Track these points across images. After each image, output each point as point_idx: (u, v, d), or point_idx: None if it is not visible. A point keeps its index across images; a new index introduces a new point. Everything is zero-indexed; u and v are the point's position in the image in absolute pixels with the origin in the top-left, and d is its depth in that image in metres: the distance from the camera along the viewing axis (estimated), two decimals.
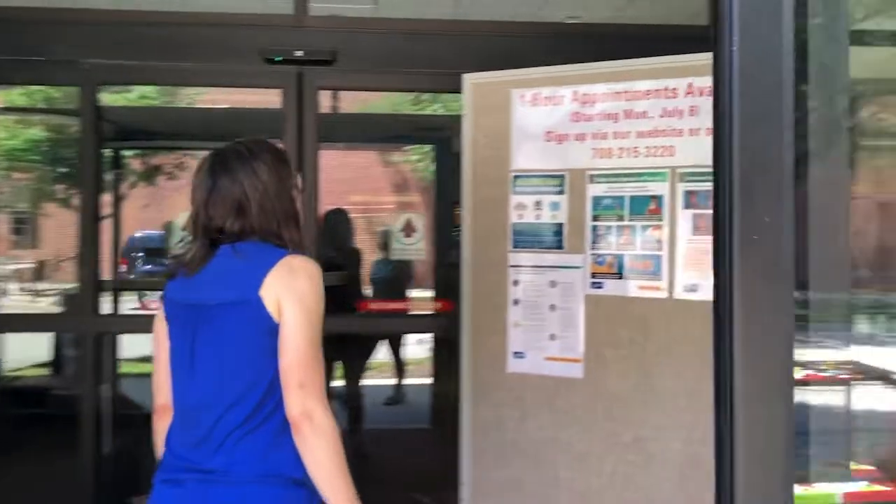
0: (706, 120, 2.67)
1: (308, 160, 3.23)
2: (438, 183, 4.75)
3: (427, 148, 11.00)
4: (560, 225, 2.88)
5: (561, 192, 2.88)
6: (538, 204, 2.91)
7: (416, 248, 3.67)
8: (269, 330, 1.57)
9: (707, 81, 2.59)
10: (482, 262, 2.98)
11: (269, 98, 3.59)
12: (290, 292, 1.57)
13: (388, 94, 10.09)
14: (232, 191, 1.63)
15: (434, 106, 10.60)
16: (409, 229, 3.60)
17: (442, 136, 4.15)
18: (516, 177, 2.95)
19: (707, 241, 2.63)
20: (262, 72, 3.28)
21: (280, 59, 3.26)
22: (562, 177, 2.88)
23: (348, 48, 3.30)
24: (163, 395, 1.69)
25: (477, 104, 3.01)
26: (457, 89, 3.02)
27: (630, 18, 3.45)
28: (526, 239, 2.93)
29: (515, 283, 2.94)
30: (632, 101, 2.79)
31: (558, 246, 2.88)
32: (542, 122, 2.92)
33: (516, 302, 2.94)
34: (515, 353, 2.93)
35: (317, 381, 1.55)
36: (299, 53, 3.29)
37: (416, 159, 14.03)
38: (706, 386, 2.64)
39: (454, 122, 3.11)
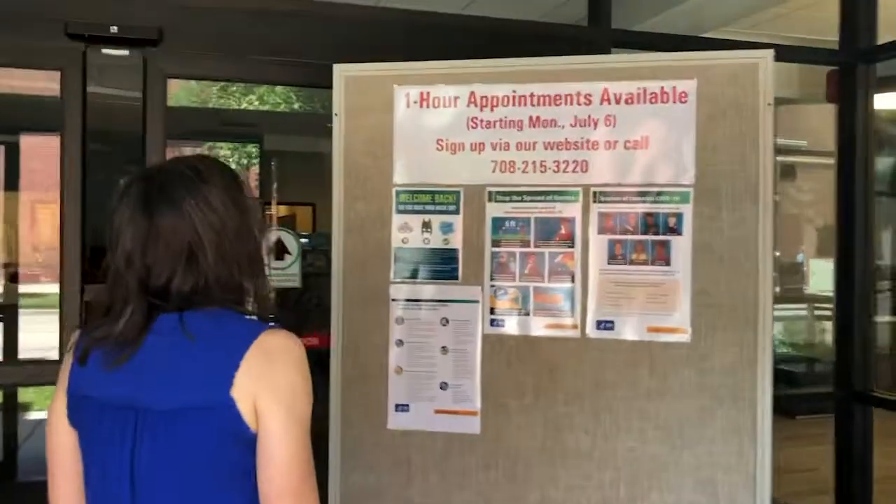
0: (625, 131, 2.32)
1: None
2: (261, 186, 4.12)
3: (250, 147, 10.21)
4: (453, 251, 2.41)
5: (455, 212, 2.41)
6: (427, 225, 2.42)
7: (290, 273, 3.05)
8: (245, 442, 1.16)
9: (626, 87, 2.24)
10: (357, 294, 2.43)
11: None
12: (271, 391, 1.16)
13: (187, 84, 9.15)
14: (179, 231, 1.19)
15: (250, 97, 9.78)
16: (280, 251, 2.98)
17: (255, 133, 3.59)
18: (400, 192, 2.44)
19: (625, 271, 2.27)
20: (36, 49, 2.52)
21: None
22: (456, 193, 2.41)
23: (184, 28, 2.63)
24: None
25: (351, 102, 2.47)
26: (327, 83, 2.47)
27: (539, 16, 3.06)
28: (411, 267, 2.42)
29: (399, 320, 2.42)
30: (539, 107, 2.38)
31: (451, 276, 2.41)
32: (433, 127, 2.43)
33: (399, 343, 2.42)
34: (398, 405, 2.42)
35: (309, 490, 1.16)
36: (114, 29, 2.58)
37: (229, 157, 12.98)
38: (622, 440, 2.28)
39: (267, 118, 2.52)
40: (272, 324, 1.23)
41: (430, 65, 2.43)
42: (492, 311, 2.39)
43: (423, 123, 2.44)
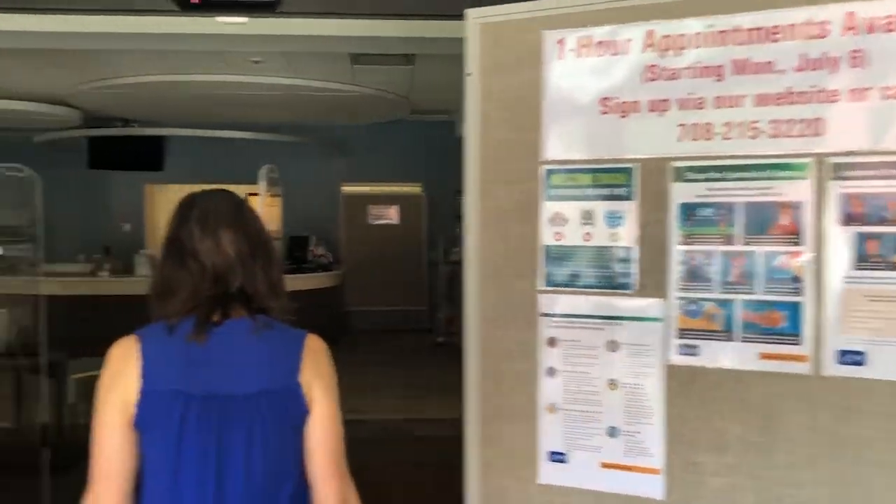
0: (882, 73, 1.56)
1: None
2: None
3: None
4: (625, 250, 1.77)
5: (627, 197, 1.77)
6: (588, 215, 1.80)
7: None
8: (303, 419, 1.43)
9: (884, 8, 1.48)
10: (496, 307, 1.87)
11: None
12: (321, 381, 1.45)
13: None
14: (240, 247, 1.44)
15: None
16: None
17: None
18: (552, 172, 1.84)
19: (883, 279, 1.52)
20: None
21: None
22: (628, 171, 1.77)
23: None
24: None
25: (488, 58, 1.90)
26: (456, 35, 1.92)
27: None
28: (567, 272, 1.82)
29: (551, 342, 1.83)
30: (747, 46, 1.67)
31: (622, 285, 1.78)
32: (595, 84, 1.80)
33: (552, 372, 1.83)
34: (552, 453, 1.83)
35: (347, 469, 1.46)
36: None
37: None
38: None
39: None
40: (306, 330, 1.48)
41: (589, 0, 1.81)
42: (680, 333, 1.73)
43: (583, 79, 1.81)
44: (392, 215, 10.83)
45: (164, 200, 10.99)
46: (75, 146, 10.23)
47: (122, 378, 1.37)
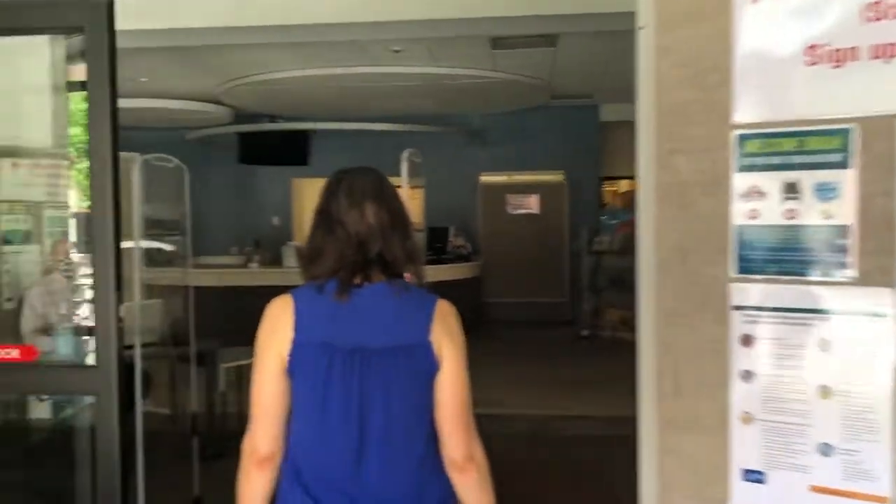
0: None
1: None
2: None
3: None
4: (840, 230, 1.46)
5: (842, 165, 1.45)
6: (792, 188, 1.50)
7: None
8: (433, 374, 1.56)
9: None
10: (677, 297, 1.60)
11: None
12: (451, 339, 1.59)
13: None
14: (380, 218, 1.60)
15: None
16: None
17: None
18: (745, 137, 1.54)
19: None
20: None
21: None
22: (843, 133, 1.45)
23: None
24: (274, 443, 1.58)
25: (666, 6, 1.63)
26: None
27: None
28: (766, 256, 1.52)
29: (745, 339, 1.54)
30: None
31: (836, 272, 1.46)
32: (799, 29, 1.49)
33: (747, 376, 1.54)
34: (747, 472, 1.54)
35: (474, 424, 1.58)
36: None
37: None
38: None
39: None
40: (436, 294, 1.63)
41: None
42: None
43: (784, 24, 1.51)
44: (532, 205, 10.58)
45: (310, 194, 11.24)
46: (226, 143, 10.65)
47: (278, 330, 1.55)
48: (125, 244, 5.86)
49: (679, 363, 1.58)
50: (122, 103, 7.95)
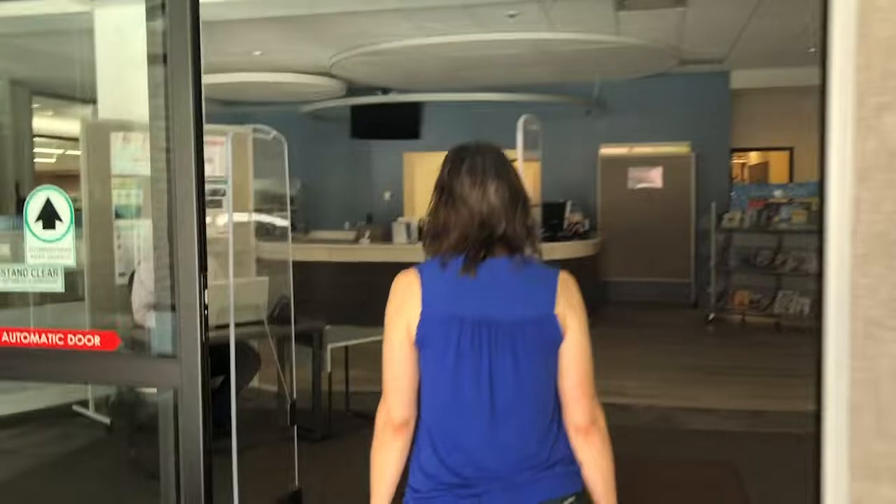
0: None
1: None
2: None
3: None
4: None
5: None
6: None
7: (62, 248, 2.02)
8: (558, 344, 1.62)
9: None
10: (874, 294, 1.21)
11: None
12: (573, 309, 1.63)
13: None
14: (502, 195, 1.63)
15: None
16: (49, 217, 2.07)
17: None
18: None
19: None
20: None
21: None
22: None
23: None
24: (408, 410, 1.65)
25: None
26: None
27: None
28: None
29: None
30: None
31: None
32: None
33: None
34: None
35: (595, 391, 1.65)
36: None
37: None
38: None
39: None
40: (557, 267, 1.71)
41: None
42: None
43: None
44: (654, 178, 9.98)
45: (421, 169, 11.08)
46: (339, 117, 10.60)
47: (407, 303, 1.60)
48: (238, 217, 5.83)
49: (884, 392, 1.19)
50: (237, 77, 7.93)
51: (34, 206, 1.97)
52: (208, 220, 5.42)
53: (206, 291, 1.97)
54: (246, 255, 5.71)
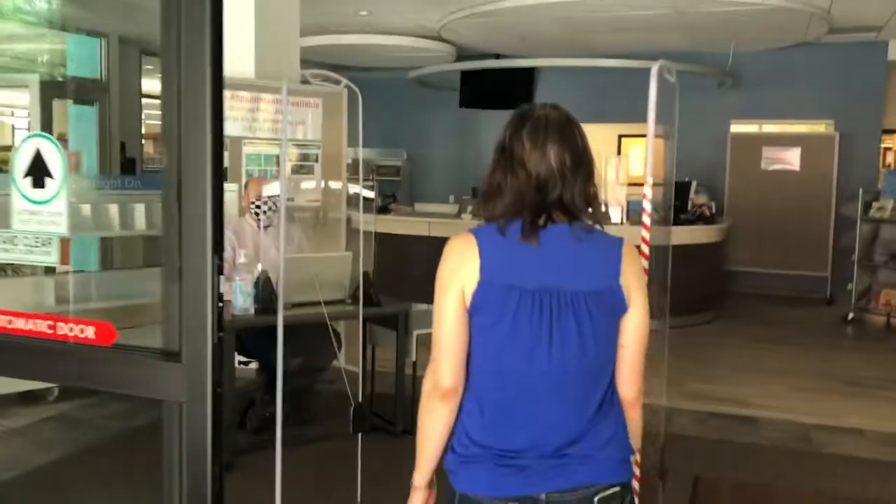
0: None
1: None
2: None
3: None
4: None
5: None
6: None
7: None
8: (620, 317, 1.59)
9: None
10: None
11: None
12: (636, 280, 1.60)
13: None
14: (563, 160, 1.58)
15: None
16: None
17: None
18: None
19: None
20: None
21: None
22: None
23: None
24: (457, 377, 1.59)
25: None
26: None
27: None
28: None
29: None
30: None
31: None
32: None
33: None
34: None
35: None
36: None
37: None
38: None
39: None
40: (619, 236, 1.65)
41: None
42: None
43: None
44: (791, 160, 8.99)
45: None
46: (448, 85, 10.14)
47: (461, 269, 1.55)
48: (334, 185, 5.46)
49: None
50: (344, 39, 7.48)
51: (22, 157, 1.56)
52: (299, 186, 5.02)
53: (221, 279, 1.50)
54: (336, 226, 5.33)
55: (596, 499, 1.55)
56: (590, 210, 1.60)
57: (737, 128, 9.29)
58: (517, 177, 1.57)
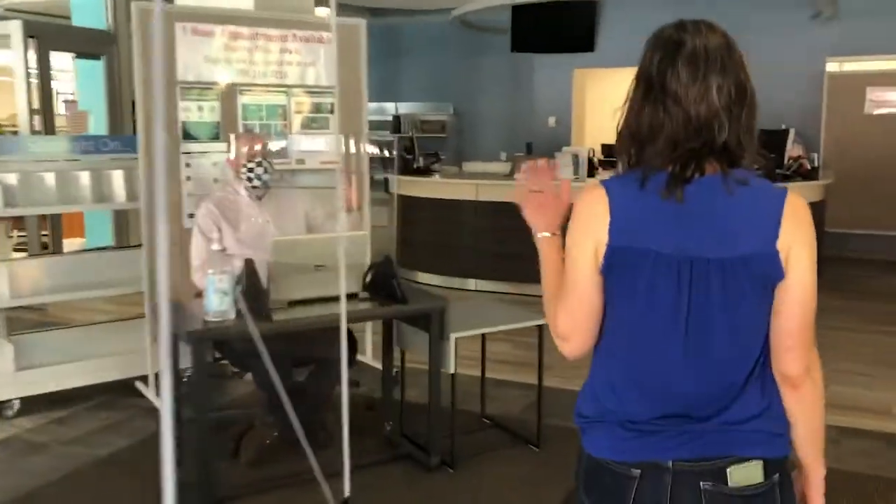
0: None
1: None
2: None
3: None
4: None
5: None
6: None
7: None
8: (776, 284, 1.33)
9: None
10: None
11: None
12: (801, 244, 1.33)
13: None
14: (729, 95, 1.31)
15: None
16: None
17: None
18: None
19: None
20: None
21: None
22: None
23: None
24: (573, 329, 1.41)
25: None
26: None
27: None
28: None
29: None
30: None
31: None
32: None
33: None
34: None
35: (813, 340, 1.38)
36: None
37: None
38: None
39: None
40: (785, 186, 1.38)
41: None
42: None
43: None
44: None
45: (594, 89, 9.33)
46: (497, 27, 9.04)
47: (590, 228, 1.36)
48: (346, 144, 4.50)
49: None
50: None
51: None
52: (309, 146, 3.97)
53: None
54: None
55: (728, 471, 1.34)
56: (751, 150, 1.34)
57: (835, 65, 7.99)
58: (671, 116, 1.31)
